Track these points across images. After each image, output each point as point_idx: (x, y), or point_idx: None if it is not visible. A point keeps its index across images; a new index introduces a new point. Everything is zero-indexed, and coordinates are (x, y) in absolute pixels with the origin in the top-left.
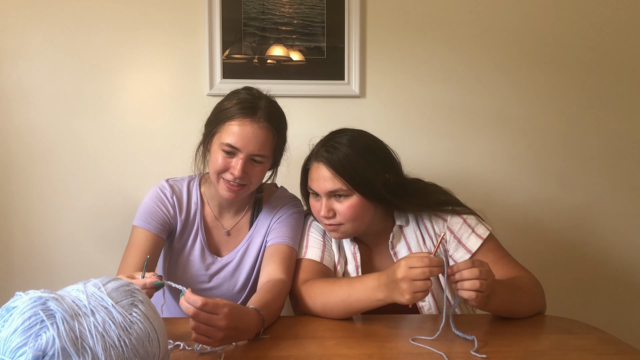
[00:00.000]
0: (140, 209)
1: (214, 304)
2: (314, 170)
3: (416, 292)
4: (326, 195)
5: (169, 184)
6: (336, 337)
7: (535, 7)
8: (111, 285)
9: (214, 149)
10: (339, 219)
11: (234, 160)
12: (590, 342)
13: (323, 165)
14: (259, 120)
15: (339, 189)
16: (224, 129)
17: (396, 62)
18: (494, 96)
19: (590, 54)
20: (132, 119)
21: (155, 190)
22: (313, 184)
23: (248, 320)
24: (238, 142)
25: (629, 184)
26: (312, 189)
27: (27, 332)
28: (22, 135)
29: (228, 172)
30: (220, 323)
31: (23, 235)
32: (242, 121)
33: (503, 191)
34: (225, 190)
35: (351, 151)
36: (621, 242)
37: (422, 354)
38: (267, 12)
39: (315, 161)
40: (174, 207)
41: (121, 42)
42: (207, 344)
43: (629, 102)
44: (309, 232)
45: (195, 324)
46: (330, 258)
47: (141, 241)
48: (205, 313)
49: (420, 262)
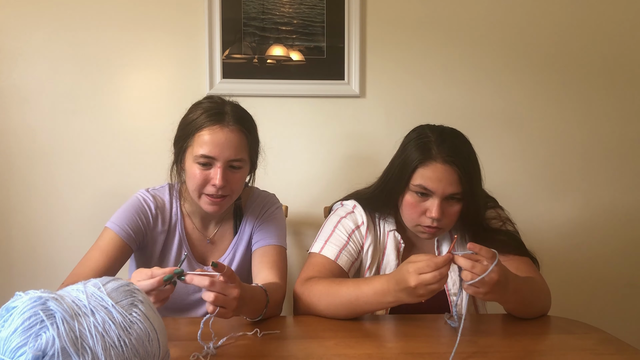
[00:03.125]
0: (119, 213)
1: (231, 271)
2: (436, 170)
3: (432, 292)
4: (443, 197)
5: (151, 194)
6: (336, 337)
7: (536, 7)
8: (111, 285)
9: (189, 164)
10: (444, 222)
11: (212, 171)
12: (590, 342)
13: (451, 168)
14: (229, 124)
15: (458, 192)
16: (194, 141)
17: (396, 62)
18: (495, 96)
19: (594, 54)
20: (132, 118)
21: (137, 199)
22: (431, 183)
23: (254, 293)
24: (212, 151)
25: (629, 184)
26: (426, 188)
27: (27, 332)
28: (22, 135)
29: (209, 185)
30: (233, 292)
31: (23, 235)
32: (211, 129)
33: (504, 191)
34: (209, 204)
35: (472, 158)
36: (621, 242)
37: (423, 354)
38: (267, 12)
39: (441, 162)
40: (155, 219)
41: (121, 42)
42: (223, 316)
43: (633, 104)
44: (335, 227)
45: (214, 295)
46: (347, 258)
47: (109, 245)
48: (220, 282)
49: (429, 267)
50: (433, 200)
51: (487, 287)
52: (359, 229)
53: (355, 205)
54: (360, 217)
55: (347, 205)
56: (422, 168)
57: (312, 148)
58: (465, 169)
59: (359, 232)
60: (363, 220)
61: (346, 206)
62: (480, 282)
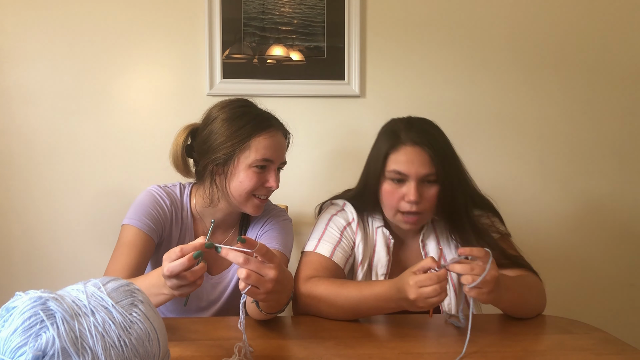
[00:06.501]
0: (135, 208)
1: (269, 249)
2: (408, 153)
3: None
4: (417, 180)
5: (164, 190)
6: (336, 337)
7: (537, 7)
8: (111, 285)
9: (242, 168)
10: (422, 206)
11: (267, 174)
12: (590, 342)
13: (420, 149)
14: (280, 129)
15: (432, 173)
16: (252, 145)
17: (396, 62)
18: (495, 96)
19: (592, 53)
20: (132, 118)
21: (150, 193)
22: (404, 167)
23: (289, 282)
24: (273, 154)
25: (630, 184)
26: (400, 172)
27: (27, 332)
28: (22, 135)
29: (262, 187)
30: (270, 272)
31: (23, 235)
32: (269, 133)
33: (504, 191)
34: (257, 206)
35: (443, 140)
36: (622, 242)
37: (423, 354)
38: (267, 12)
39: (410, 144)
40: (171, 214)
41: (121, 42)
42: (255, 295)
43: (632, 102)
44: (327, 225)
45: (247, 273)
46: (342, 255)
47: (134, 241)
48: (256, 261)
49: (429, 281)
50: (409, 184)
51: (490, 286)
52: (350, 226)
53: (345, 203)
54: (351, 214)
55: (338, 203)
56: (394, 153)
57: (312, 148)
58: (436, 149)
59: (350, 228)
60: (353, 217)
61: (336, 204)
62: (482, 283)
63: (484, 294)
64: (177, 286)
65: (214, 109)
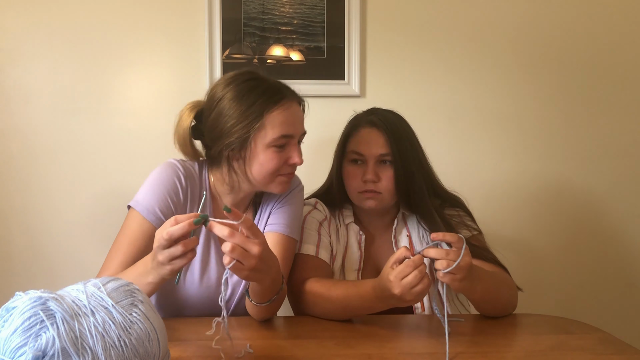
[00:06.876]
0: (146, 190)
1: (254, 224)
2: (365, 134)
3: (420, 294)
4: (374, 159)
5: (183, 165)
6: (336, 337)
7: (537, 7)
8: (111, 285)
9: (258, 150)
10: (381, 186)
11: (290, 149)
12: (590, 342)
13: (377, 130)
14: (294, 97)
15: (388, 153)
16: (266, 123)
17: (396, 62)
18: (495, 96)
19: (592, 53)
20: (132, 118)
21: (166, 171)
22: (361, 147)
23: (274, 264)
24: (290, 129)
25: (630, 185)
26: (358, 152)
27: (27, 332)
28: (22, 135)
29: (286, 165)
30: (254, 248)
31: (23, 235)
32: (284, 104)
33: (504, 191)
34: (283, 183)
35: (401, 123)
36: (621, 242)
37: (422, 354)
38: (267, 12)
39: (368, 125)
40: (185, 196)
41: (121, 42)
42: (239, 272)
43: (631, 102)
44: (304, 226)
45: (232, 246)
46: (325, 252)
47: (137, 233)
48: (240, 235)
49: (408, 268)
50: (367, 164)
51: (463, 272)
52: (323, 224)
53: (317, 201)
54: (323, 212)
55: (309, 203)
56: (352, 136)
57: (312, 148)
58: (392, 131)
59: (324, 225)
60: (326, 215)
61: (309, 204)
62: (456, 268)
63: (456, 280)
64: (170, 258)
65: (219, 87)
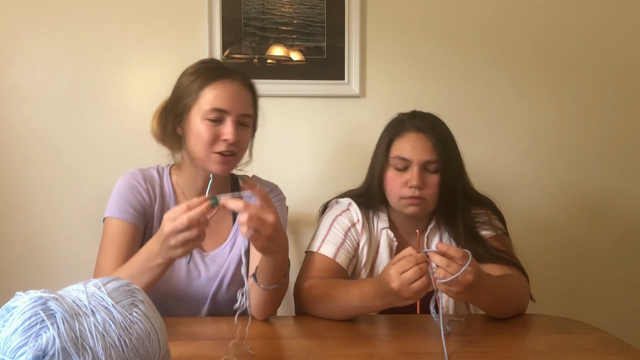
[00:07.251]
0: (112, 199)
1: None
2: (411, 139)
3: (417, 292)
4: (420, 166)
5: (139, 171)
6: (336, 337)
7: (536, 7)
8: (111, 285)
9: (194, 123)
10: (426, 192)
11: (224, 126)
12: (590, 342)
13: (424, 135)
14: (237, 79)
15: (435, 160)
16: (202, 96)
17: (396, 62)
18: (495, 96)
19: (591, 53)
20: (132, 119)
21: (124, 178)
22: (406, 152)
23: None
24: (225, 103)
25: (629, 185)
26: (403, 158)
27: (27, 332)
28: (22, 135)
29: (219, 142)
30: (269, 217)
31: (23, 235)
32: (222, 82)
33: (503, 191)
34: (219, 163)
35: (446, 130)
36: (621, 242)
37: (423, 354)
38: (267, 12)
39: (414, 131)
40: (148, 195)
41: (121, 42)
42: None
43: (630, 102)
44: (332, 225)
45: (249, 215)
46: (345, 256)
47: (117, 234)
48: (255, 206)
49: (408, 264)
50: (412, 169)
51: (460, 287)
52: (354, 227)
53: (351, 202)
54: (356, 215)
55: (343, 203)
56: (397, 140)
57: (312, 148)
58: (439, 137)
59: (355, 229)
60: (358, 218)
61: (341, 204)
62: (453, 282)
63: (451, 292)
64: (185, 241)
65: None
